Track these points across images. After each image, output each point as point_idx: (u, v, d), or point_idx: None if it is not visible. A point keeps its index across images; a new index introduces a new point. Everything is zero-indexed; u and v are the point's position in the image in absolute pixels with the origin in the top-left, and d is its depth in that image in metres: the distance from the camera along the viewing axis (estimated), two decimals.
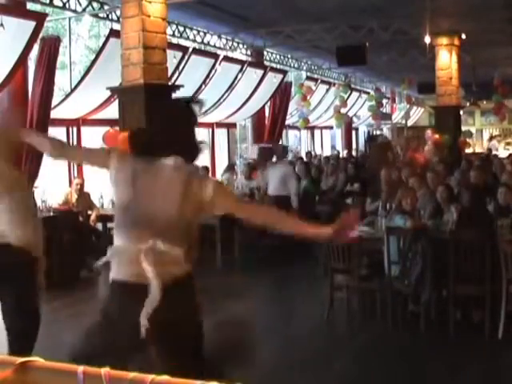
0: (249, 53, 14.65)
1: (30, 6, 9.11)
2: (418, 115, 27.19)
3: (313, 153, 17.77)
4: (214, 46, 13.58)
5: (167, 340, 2.71)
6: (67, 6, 9.56)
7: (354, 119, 22.13)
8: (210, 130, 14.52)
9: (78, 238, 8.61)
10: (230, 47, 14.08)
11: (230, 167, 12.01)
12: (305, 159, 14.88)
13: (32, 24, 8.12)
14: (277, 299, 7.68)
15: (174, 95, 7.39)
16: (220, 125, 14.87)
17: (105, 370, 1.30)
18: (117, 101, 7.59)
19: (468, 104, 20.01)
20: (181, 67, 11.30)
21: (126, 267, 2.69)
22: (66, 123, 10.59)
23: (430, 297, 5.93)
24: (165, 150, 2.64)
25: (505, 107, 18.63)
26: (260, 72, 14.08)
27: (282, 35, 13.19)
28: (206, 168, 11.11)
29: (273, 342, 5.64)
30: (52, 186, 10.15)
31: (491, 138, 27.00)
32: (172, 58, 9.71)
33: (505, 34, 13.05)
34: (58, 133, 10.32)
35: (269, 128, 14.97)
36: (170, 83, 8.51)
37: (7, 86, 8.35)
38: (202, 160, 11.84)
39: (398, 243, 6.04)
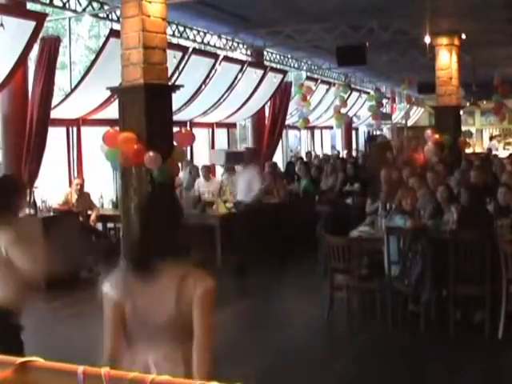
0: (249, 53, 14.65)
1: (30, 6, 9.11)
2: (417, 115, 27.19)
3: (313, 153, 17.77)
4: (214, 46, 13.57)
5: None
6: (67, 6, 9.55)
7: (354, 119, 22.13)
8: (210, 130, 14.52)
9: (78, 238, 8.61)
10: (230, 47, 14.08)
11: (229, 167, 12.00)
12: (305, 159, 14.91)
13: (32, 24, 8.11)
14: (277, 299, 7.67)
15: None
16: (220, 125, 14.87)
17: (105, 370, 1.30)
18: (117, 101, 7.59)
19: (468, 104, 20.00)
20: (181, 67, 11.29)
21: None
22: (66, 123, 10.59)
23: (430, 297, 5.93)
24: (157, 259, 2.57)
25: (504, 107, 18.64)
26: (260, 72, 14.08)
27: (281, 35, 13.19)
28: (208, 168, 11.11)
29: (273, 341, 5.64)
30: (52, 185, 10.15)
31: (491, 138, 26.99)
32: (172, 58, 9.71)
33: (505, 34, 13.04)
34: (57, 133, 10.34)
35: (269, 128, 14.96)
36: (170, 83, 8.51)
37: (7, 86, 8.35)
38: (203, 160, 11.77)
39: (397, 243, 6.04)
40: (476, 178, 8.08)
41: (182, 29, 12.28)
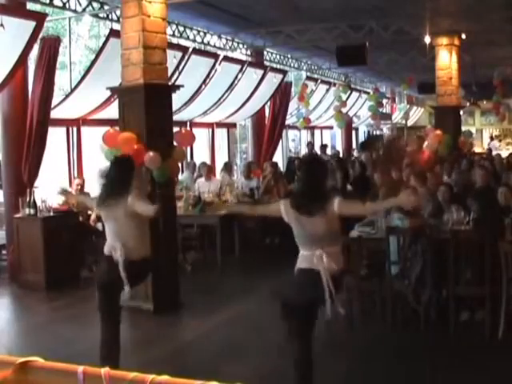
0: (249, 53, 14.65)
1: (30, 5, 9.10)
2: (417, 115, 27.18)
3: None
4: (214, 46, 13.57)
5: None
6: (67, 6, 9.55)
7: (354, 119, 22.12)
8: (210, 129, 14.51)
9: (78, 238, 8.61)
10: (230, 47, 14.08)
11: (226, 166, 12.02)
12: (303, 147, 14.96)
13: (32, 24, 8.11)
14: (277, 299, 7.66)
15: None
16: (220, 125, 14.87)
17: (105, 370, 1.30)
18: (117, 101, 7.58)
19: (468, 104, 20.00)
20: (181, 67, 11.29)
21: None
22: (66, 123, 10.59)
23: (430, 297, 5.93)
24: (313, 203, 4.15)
25: (502, 106, 18.66)
26: (260, 72, 14.07)
27: (282, 35, 13.19)
28: (209, 167, 11.09)
29: (273, 341, 5.64)
30: (52, 186, 10.14)
31: (492, 138, 26.95)
32: (172, 58, 9.71)
33: (505, 34, 13.04)
34: (57, 133, 10.34)
35: (269, 128, 14.96)
36: (170, 83, 8.50)
37: (7, 86, 8.35)
38: (203, 159, 11.79)
39: (397, 243, 6.04)
40: (481, 179, 7.92)
41: (182, 29, 12.28)
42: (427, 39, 11.30)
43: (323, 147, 17.69)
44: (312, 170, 4.33)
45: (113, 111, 8.27)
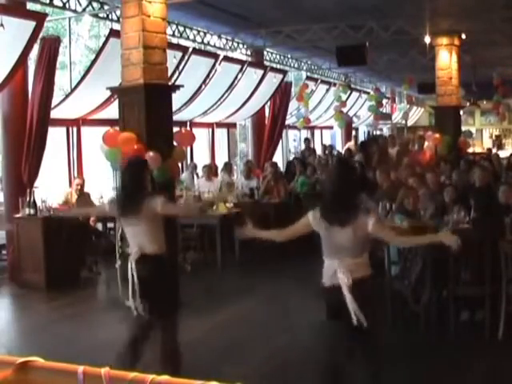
0: (249, 53, 14.65)
1: (30, 5, 9.11)
2: (418, 115, 27.18)
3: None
4: (214, 46, 13.58)
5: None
6: (67, 6, 9.56)
7: (354, 119, 22.12)
8: (210, 129, 14.52)
9: (78, 238, 8.61)
10: (230, 47, 14.08)
11: (226, 166, 12.01)
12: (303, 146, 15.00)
13: (32, 24, 8.11)
14: (277, 299, 7.67)
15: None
16: (220, 125, 14.87)
17: (105, 370, 1.30)
18: (117, 101, 7.58)
19: (468, 104, 19.99)
20: (181, 67, 11.29)
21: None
22: (66, 123, 10.60)
23: (430, 297, 5.93)
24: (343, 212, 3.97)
25: (502, 106, 18.67)
26: (260, 72, 14.08)
27: (281, 35, 13.19)
28: (210, 167, 11.08)
29: (273, 341, 5.64)
30: (52, 185, 10.15)
31: (497, 138, 26.85)
32: (172, 58, 9.71)
33: (505, 34, 13.03)
34: (57, 133, 10.34)
35: (269, 128, 14.96)
36: (170, 83, 8.50)
37: (7, 86, 8.35)
38: (203, 161, 11.80)
39: None
40: (480, 179, 7.90)
41: (182, 29, 12.28)
42: (427, 39, 11.29)
43: (329, 147, 17.47)
44: (342, 176, 4.07)
45: (113, 111, 8.27)
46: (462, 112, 15.28)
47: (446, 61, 13.44)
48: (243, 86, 13.67)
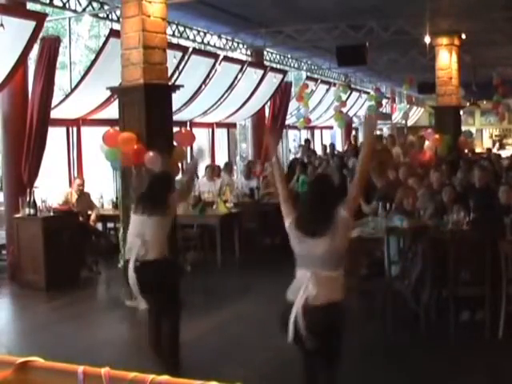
0: (249, 53, 14.65)
1: (30, 5, 9.10)
2: (418, 115, 27.18)
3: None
4: (214, 46, 13.58)
5: None
6: (67, 6, 9.56)
7: (354, 119, 22.12)
8: (210, 130, 14.52)
9: (78, 237, 8.61)
10: (230, 47, 14.08)
11: (226, 166, 12.01)
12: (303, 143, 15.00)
13: (32, 24, 8.11)
14: (277, 299, 7.66)
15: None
16: (220, 125, 14.87)
17: (105, 370, 1.30)
18: (117, 101, 7.58)
19: (468, 104, 19.99)
20: (181, 67, 11.29)
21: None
22: (66, 123, 10.59)
23: (430, 297, 5.93)
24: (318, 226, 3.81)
25: (502, 106, 18.66)
26: (260, 72, 14.08)
27: (282, 35, 13.19)
28: (213, 168, 11.06)
29: (273, 341, 5.63)
30: (52, 185, 10.14)
31: (500, 139, 26.85)
32: (172, 58, 9.71)
33: (505, 34, 13.03)
34: (57, 133, 10.34)
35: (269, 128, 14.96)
36: (170, 83, 8.50)
37: (7, 86, 8.35)
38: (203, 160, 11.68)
39: (397, 243, 6.04)
40: (480, 180, 7.88)
41: (182, 29, 12.29)
42: (427, 39, 11.28)
43: (330, 146, 17.48)
44: (317, 189, 4.02)
45: (113, 111, 8.27)
46: (462, 112, 15.28)
47: (446, 61, 13.44)
48: (243, 86, 13.67)
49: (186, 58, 11.39)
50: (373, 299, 6.38)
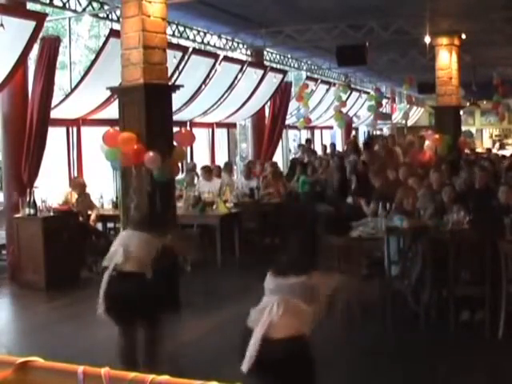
0: (249, 53, 14.65)
1: (30, 5, 9.10)
2: (417, 115, 27.18)
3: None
4: (214, 46, 13.58)
5: None
6: (67, 6, 9.55)
7: (354, 119, 22.12)
8: (210, 130, 14.51)
9: (78, 237, 8.61)
10: (230, 47, 14.08)
11: (226, 166, 12.01)
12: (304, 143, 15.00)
13: (32, 24, 8.11)
14: None
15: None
16: (220, 125, 14.87)
17: (105, 370, 1.30)
18: (117, 101, 7.58)
19: (468, 104, 19.99)
20: (181, 67, 11.29)
21: None
22: (66, 123, 10.59)
23: (430, 297, 5.93)
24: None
25: (502, 106, 18.68)
26: (260, 72, 14.07)
27: (282, 35, 13.19)
28: (209, 168, 11.06)
29: None
30: (52, 185, 10.14)
31: (500, 139, 26.85)
32: (172, 58, 9.71)
33: (505, 34, 13.03)
34: (57, 133, 10.34)
35: (269, 128, 14.96)
36: (170, 83, 8.50)
37: (7, 86, 8.35)
38: (203, 161, 11.80)
39: (397, 243, 6.04)
40: (480, 179, 7.88)
41: (182, 29, 12.28)
42: (427, 39, 11.28)
43: (331, 146, 17.52)
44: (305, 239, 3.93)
45: (113, 111, 8.27)
46: (462, 112, 15.28)
47: (446, 61, 13.44)
48: (243, 86, 13.67)
49: (186, 57, 11.38)
50: (373, 299, 6.38)
